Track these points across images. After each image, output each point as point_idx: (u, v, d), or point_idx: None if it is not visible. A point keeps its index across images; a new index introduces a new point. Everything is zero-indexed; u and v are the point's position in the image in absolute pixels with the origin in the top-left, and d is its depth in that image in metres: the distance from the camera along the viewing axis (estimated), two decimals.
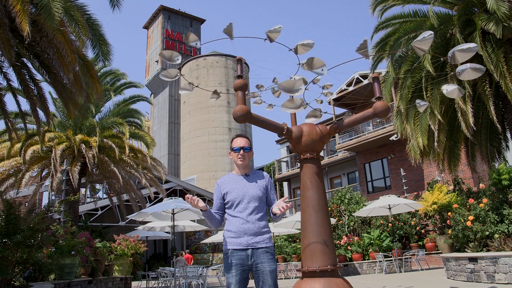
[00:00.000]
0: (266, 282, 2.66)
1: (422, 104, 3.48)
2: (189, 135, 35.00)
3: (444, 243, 12.63)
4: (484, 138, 9.32)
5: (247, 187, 2.84)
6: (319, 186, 3.14)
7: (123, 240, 11.46)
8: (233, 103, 34.26)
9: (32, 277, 7.32)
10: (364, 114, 3.29)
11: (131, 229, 18.57)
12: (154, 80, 43.46)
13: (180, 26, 45.30)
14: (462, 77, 3.12)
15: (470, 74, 3.10)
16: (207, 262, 22.61)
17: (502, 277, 6.82)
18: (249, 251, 2.70)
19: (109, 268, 10.19)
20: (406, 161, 16.25)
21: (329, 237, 3.05)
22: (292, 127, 3.30)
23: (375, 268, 13.44)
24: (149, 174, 14.43)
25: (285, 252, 16.26)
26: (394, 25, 9.17)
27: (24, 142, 11.39)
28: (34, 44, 7.35)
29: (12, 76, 8.10)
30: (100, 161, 12.30)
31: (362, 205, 15.68)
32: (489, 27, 7.27)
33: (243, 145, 2.91)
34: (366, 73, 19.43)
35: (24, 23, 5.74)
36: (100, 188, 18.58)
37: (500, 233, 7.58)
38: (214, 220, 2.84)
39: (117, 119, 13.15)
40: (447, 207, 12.47)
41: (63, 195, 11.61)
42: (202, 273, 11.40)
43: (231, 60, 36.05)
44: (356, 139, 20.24)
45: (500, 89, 7.99)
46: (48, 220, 7.13)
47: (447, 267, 8.82)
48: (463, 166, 12.02)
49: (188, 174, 33.67)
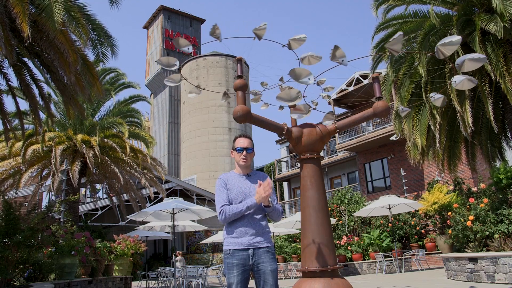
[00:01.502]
0: (267, 282, 2.66)
1: (437, 98, 3.37)
2: (189, 135, 35.00)
3: (444, 243, 12.63)
4: (484, 138, 9.33)
5: (249, 187, 2.84)
6: (319, 186, 3.14)
7: (123, 240, 11.46)
8: (233, 103, 34.22)
9: (32, 277, 7.32)
10: (364, 114, 3.29)
11: (131, 229, 18.57)
12: (154, 80, 43.46)
13: (180, 26, 45.31)
14: (462, 69, 3.03)
15: (469, 65, 3.00)
16: (207, 262, 22.61)
17: (502, 277, 6.83)
18: (250, 251, 2.70)
19: (109, 268, 10.20)
20: (406, 161, 16.24)
21: (329, 237, 3.06)
22: (292, 127, 3.31)
23: (375, 268, 13.44)
24: (149, 174, 14.43)
25: (285, 252, 16.26)
26: (394, 26, 9.18)
27: (24, 141, 11.39)
28: (34, 44, 7.35)
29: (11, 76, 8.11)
30: (100, 161, 12.30)
31: (362, 205, 15.68)
32: (489, 27, 7.26)
33: (246, 145, 2.90)
34: (366, 73, 19.43)
35: (24, 24, 5.75)
36: (100, 188, 18.58)
37: (500, 233, 7.59)
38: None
39: (117, 119, 13.15)
40: (447, 207, 12.48)
41: (63, 195, 11.61)
42: (202, 273, 11.40)
43: (231, 60, 36.04)
44: (356, 139, 20.24)
45: (500, 89, 7.99)
46: (49, 220, 7.13)
47: (447, 267, 8.82)
48: (463, 166, 12.02)
49: (188, 174, 33.67)
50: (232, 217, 2.71)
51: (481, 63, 3.00)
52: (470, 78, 3.16)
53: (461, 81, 3.18)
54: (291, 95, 3.19)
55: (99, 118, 14.07)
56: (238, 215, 2.70)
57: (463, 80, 3.17)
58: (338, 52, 2.96)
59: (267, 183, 2.63)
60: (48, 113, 8.68)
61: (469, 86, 3.21)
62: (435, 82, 8.23)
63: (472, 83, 3.18)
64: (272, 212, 2.80)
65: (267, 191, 2.62)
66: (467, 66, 3.02)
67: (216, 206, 2.81)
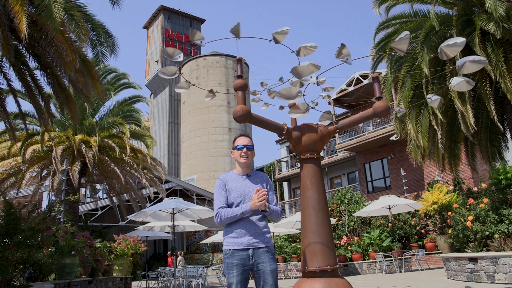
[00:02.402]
0: (267, 282, 2.66)
1: (434, 99, 3.39)
2: (189, 135, 35.00)
3: (444, 243, 12.63)
4: (484, 138, 9.33)
5: (249, 187, 2.84)
6: (319, 186, 3.14)
7: (123, 240, 11.46)
8: (233, 103, 34.25)
9: (32, 277, 7.32)
10: (364, 114, 3.29)
11: (131, 229, 18.57)
12: (154, 80, 43.46)
13: (180, 26, 45.29)
14: (463, 71, 3.06)
15: (470, 67, 3.02)
16: (207, 262, 22.62)
17: (502, 277, 6.83)
18: (250, 251, 2.70)
19: (109, 268, 10.20)
20: (406, 161, 16.25)
21: (329, 237, 3.05)
22: (292, 127, 3.30)
23: (375, 268, 13.44)
24: (149, 174, 14.43)
25: (285, 252, 16.25)
26: (394, 25, 9.18)
27: (24, 141, 11.39)
28: (34, 44, 7.35)
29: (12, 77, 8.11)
30: (100, 161, 12.30)
31: (362, 205, 15.68)
32: (488, 27, 7.27)
33: (246, 143, 2.91)
34: (366, 73, 19.43)
35: (22, 24, 5.74)
36: (100, 188, 18.57)
37: (500, 233, 7.59)
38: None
39: (117, 118, 13.15)
40: (447, 207, 12.47)
41: (63, 195, 11.61)
42: (202, 273, 11.41)
43: (231, 60, 36.05)
44: (356, 139, 20.24)
45: (500, 89, 7.99)
46: (49, 220, 7.13)
47: (447, 267, 8.82)
48: (463, 166, 12.02)
49: (188, 174, 33.67)
50: (227, 220, 2.74)
51: (481, 65, 3.02)
52: (468, 80, 3.18)
53: (459, 83, 3.21)
54: (291, 93, 3.19)
55: (99, 118, 14.07)
56: (233, 219, 2.74)
57: (461, 82, 3.20)
58: (344, 50, 2.97)
59: (262, 192, 2.65)
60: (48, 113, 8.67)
61: (467, 88, 3.25)
62: (435, 82, 8.22)
63: (469, 85, 3.20)
64: (270, 215, 2.82)
65: (261, 200, 2.65)
66: (467, 68, 3.04)
67: (214, 208, 2.83)
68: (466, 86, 3.22)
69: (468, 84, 3.19)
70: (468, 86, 3.21)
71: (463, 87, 3.25)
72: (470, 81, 3.19)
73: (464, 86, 3.22)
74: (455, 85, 3.23)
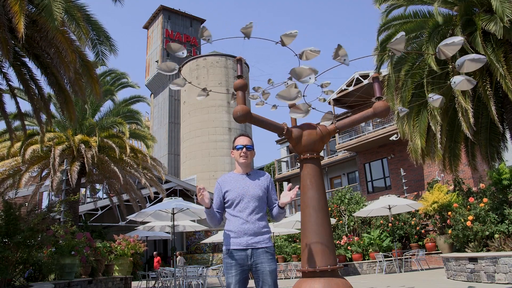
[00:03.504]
0: (266, 282, 2.66)
1: (436, 98, 3.39)
2: (189, 135, 34.99)
3: (444, 243, 12.63)
4: (484, 138, 9.33)
5: (248, 186, 2.83)
6: (319, 186, 3.14)
7: (123, 240, 11.46)
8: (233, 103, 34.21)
9: (32, 277, 7.32)
10: (364, 114, 3.29)
11: (131, 229, 18.56)
12: (154, 80, 43.46)
13: (180, 26, 45.30)
14: (462, 70, 3.05)
15: (469, 66, 3.02)
16: (207, 262, 22.61)
17: (502, 277, 6.82)
18: (249, 251, 2.69)
19: (109, 268, 10.19)
20: (406, 161, 16.26)
21: (329, 237, 3.05)
22: (292, 127, 3.30)
23: (375, 268, 13.44)
24: (149, 174, 14.42)
25: (285, 252, 16.25)
26: (395, 26, 9.17)
27: (23, 142, 11.39)
28: (34, 44, 7.34)
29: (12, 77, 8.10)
30: (100, 161, 12.29)
31: (362, 205, 15.68)
32: (489, 28, 7.27)
33: (246, 143, 2.91)
34: (366, 73, 19.43)
35: (20, 24, 5.73)
36: (100, 188, 18.57)
37: (500, 233, 7.58)
38: (215, 218, 2.83)
39: (117, 118, 13.14)
40: (447, 207, 12.47)
41: (63, 195, 11.60)
42: (202, 273, 11.40)
43: (231, 60, 36.04)
44: (356, 139, 20.24)
45: (500, 89, 7.99)
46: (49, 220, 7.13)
47: (447, 267, 8.82)
48: (463, 166, 12.02)
49: (188, 174, 33.66)
50: (208, 219, 2.85)
51: (481, 63, 3.00)
52: (469, 78, 3.17)
53: (460, 82, 3.19)
54: (291, 94, 3.19)
55: (99, 118, 14.07)
56: (210, 217, 2.82)
57: (462, 81, 3.19)
58: (341, 51, 2.96)
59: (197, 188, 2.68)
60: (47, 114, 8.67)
61: (468, 86, 3.23)
62: (435, 82, 8.22)
63: (470, 84, 3.19)
64: (281, 214, 2.84)
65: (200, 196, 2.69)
66: (467, 67, 3.02)
67: None
68: (467, 85, 3.21)
69: (469, 83, 3.18)
70: (469, 85, 3.20)
71: (464, 86, 3.23)
72: (471, 80, 3.17)
73: (465, 85, 3.21)
74: (456, 84, 3.22)
